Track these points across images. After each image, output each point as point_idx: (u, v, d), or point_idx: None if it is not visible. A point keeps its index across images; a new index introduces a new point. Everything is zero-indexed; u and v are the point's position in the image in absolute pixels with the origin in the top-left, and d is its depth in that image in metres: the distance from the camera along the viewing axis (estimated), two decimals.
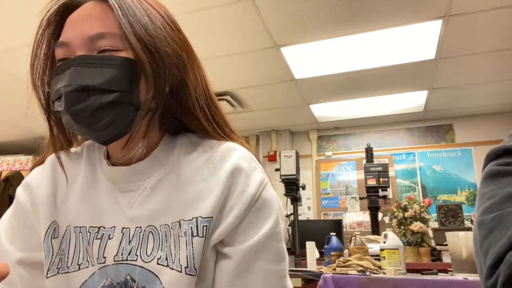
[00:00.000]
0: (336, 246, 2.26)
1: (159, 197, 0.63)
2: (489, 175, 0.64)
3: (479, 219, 0.61)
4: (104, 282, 0.61)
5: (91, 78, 0.56)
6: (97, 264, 0.62)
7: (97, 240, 0.62)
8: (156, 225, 0.61)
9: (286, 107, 4.31)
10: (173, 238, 0.60)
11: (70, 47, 0.59)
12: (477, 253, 0.61)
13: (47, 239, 0.64)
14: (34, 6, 2.62)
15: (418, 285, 1.52)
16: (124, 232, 0.62)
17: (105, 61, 0.57)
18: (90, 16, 0.59)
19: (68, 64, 0.58)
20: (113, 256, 0.61)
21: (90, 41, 0.58)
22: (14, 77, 3.59)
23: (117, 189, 0.65)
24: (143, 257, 0.60)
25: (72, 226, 0.65)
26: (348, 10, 2.63)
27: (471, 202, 4.26)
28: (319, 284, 1.64)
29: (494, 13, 2.63)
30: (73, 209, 0.65)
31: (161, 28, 0.60)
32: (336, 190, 4.78)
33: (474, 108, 4.32)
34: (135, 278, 0.60)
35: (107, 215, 0.64)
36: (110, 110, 0.57)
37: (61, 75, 0.58)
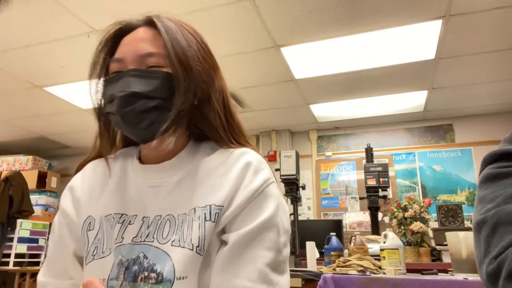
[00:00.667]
0: (336, 246, 2.26)
1: (180, 191, 0.72)
2: (488, 178, 0.64)
3: (479, 218, 0.61)
4: (115, 261, 0.69)
5: (140, 86, 0.70)
6: (113, 245, 0.70)
7: (118, 224, 0.72)
8: (175, 214, 0.70)
9: (286, 107, 4.31)
10: (187, 222, 0.68)
11: (124, 63, 0.73)
12: (478, 249, 0.60)
13: (83, 231, 0.75)
14: (34, 7, 2.62)
15: (418, 285, 1.52)
16: (144, 220, 0.71)
17: (152, 74, 0.71)
18: (143, 39, 0.74)
19: (122, 75, 0.71)
20: (132, 238, 0.70)
21: (141, 58, 0.72)
22: (14, 77, 3.60)
23: (145, 184, 0.74)
24: (159, 240, 0.68)
25: (103, 217, 0.74)
26: (348, 10, 2.63)
27: (471, 202, 4.26)
28: (319, 284, 1.63)
29: (494, 13, 2.63)
30: (105, 203, 0.76)
31: (195, 50, 0.74)
32: (336, 190, 4.78)
33: (474, 108, 4.32)
34: (148, 255, 0.67)
35: (131, 205, 0.73)
36: (151, 113, 0.70)
37: (116, 83, 0.71)
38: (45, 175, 5.23)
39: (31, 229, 4.13)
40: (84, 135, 5.16)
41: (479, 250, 0.60)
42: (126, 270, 0.67)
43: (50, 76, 3.57)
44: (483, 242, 0.58)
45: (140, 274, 0.65)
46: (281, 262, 0.68)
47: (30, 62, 3.33)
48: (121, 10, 2.63)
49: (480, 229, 0.60)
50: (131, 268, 0.67)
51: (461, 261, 1.75)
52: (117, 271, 0.67)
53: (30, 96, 3.96)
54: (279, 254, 0.67)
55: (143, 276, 0.65)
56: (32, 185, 4.90)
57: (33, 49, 3.13)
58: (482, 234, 0.59)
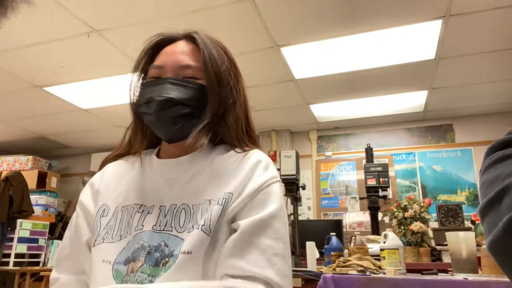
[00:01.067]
0: (336, 246, 2.26)
1: (194, 184, 0.79)
2: (499, 159, 0.59)
3: (498, 189, 0.54)
4: (136, 246, 0.75)
5: (177, 93, 0.78)
6: (133, 232, 0.76)
7: (138, 213, 0.78)
8: (189, 204, 0.76)
9: (286, 107, 4.31)
10: (201, 210, 0.75)
11: (163, 70, 0.81)
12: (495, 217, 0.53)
13: (97, 217, 0.81)
14: (34, 7, 2.62)
15: (418, 285, 1.52)
16: (161, 209, 0.78)
17: (188, 84, 0.80)
18: (183, 51, 0.83)
19: (161, 81, 0.80)
20: (152, 226, 0.76)
21: (179, 69, 0.81)
22: (14, 77, 3.60)
23: (162, 177, 0.82)
24: (177, 229, 0.74)
25: (120, 207, 0.81)
26: (348, 10, 2.63)
27: (471, 202, 4.26)
28: (319, 284, 1.63)
29: (494, 13, 2.63)
30: (123, 194, 0.83)
31: (227, 66, 0.84)
32: (336, 190, 4.78)
33: (474, 108, 4.32)
34: (168, 244, 0.73)
35: (149, 197, 0.80)
36: (183, 119, 0.78)
37: (154, 88, 0.79)
38: (45, 175, 5.23)
39: (31, 229, 4.13)
40: (84, 135, 5.16)
41: (496, 217, 0.52)
42: (148, 254, 0.73)
43: (50, 76, 3.57)
44: (507, 208, 0.51)
45: (161, 261, 0.71)
46: (287, 253, 0.73)
47: (30, 62, 3.33)
48: (121, 10, 2.63)
49: (499, 200, 0.53)
50: (153, 253, 0.73)
51: (461, 261, 1.75)
52: (138, 254, 0.73)
53: (30, 96, 3.96)
54: (284, 242, 0.73)
55: (164, 262, 0.71)
56: (32, 185, 4.90)
57: (33, 49, 3.13)
58: (505, 202, 0.52)
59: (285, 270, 0.70)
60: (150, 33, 0.89)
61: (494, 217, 0.53)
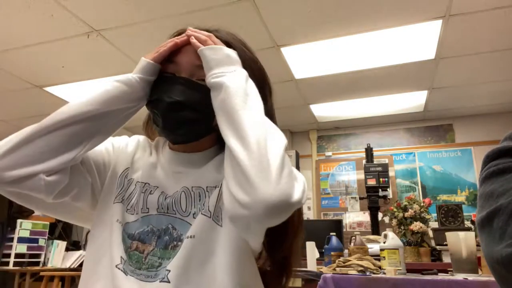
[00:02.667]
0: (336, 246, 2.26)
1: (200, 174, 0.80)
2: (494, 173, 0.63)
3: (490, 210, 0.60)
4: (145, 228, 0.76)
5: (186, 96, 0.75)
6: (140, 213, 0.78)
7: (142, 193, 0.79)
8: (189, 187, 0.78)
9: (286, 107, 4.31)
10: (200, 195, 0.77)
11: (178, 67, 0.79)
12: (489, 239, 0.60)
13: (121, 176, 0.83)
14: (34, 7, 2.62)
15: (418, 285, 1.52)
16: (163, 194, 0.79)
17: (200, 87, 0.76)
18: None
19: (174, 80, 0.78)
20: (156, 209, 0.77)
21: (194, 68, 0.78)
22: (14, 77, 3.59)
23: (171, 169, 0.82)
24: (180, 213, 0.76)
25: (135, 180, 0.82)
26: (348, 10, 2.63)
27: (471, 202, 4.26)
28: (319, 284, 1.63)
29: (494, 13, 2.63)
30: (140, 169, 0.84)
31: (248, 67, 0.79)
32: (336, 190, 4.78)
33: (474, 108, 4.32)
34: (175, 227, 0.75)
35: (156, 179, 0.81)
36: (190, 124, 0.77)
37: (166, 86, 0.77)
38: None
39: (31, 229, 4.12)
40: None
41: (491, 239, 0.59)
42: (158, 238, 0.75)
43: (50, 76, 3.57)
44: (497, 230, 0.58)
45: (170, 243, 0.74)
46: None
47: (30, 62, 3.33)
48: (121, 10, 2.63)
49: (491, 220, 0.59)
50: (162, 237, 0.75)
51: (461, 261, 1.75)
52: (148, 238, 0.75)
53: (30, 96, 3.96)
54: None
55: (173, 245, 0.73)
56: None
57: (33, 49, 3.13)
58: (495, 224, 0.58)
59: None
60: (150, 33, 0.89)
61: (489, 234, 0.60)
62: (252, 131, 0.65)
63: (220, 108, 0.71)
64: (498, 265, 0.56)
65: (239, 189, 0.61)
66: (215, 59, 0.75)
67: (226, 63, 0.75)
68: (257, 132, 0.65)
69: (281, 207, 0.60)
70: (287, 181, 0.61)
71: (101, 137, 0.78)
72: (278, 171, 0.61)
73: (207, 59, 0.75)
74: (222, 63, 0.74)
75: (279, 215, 0.61)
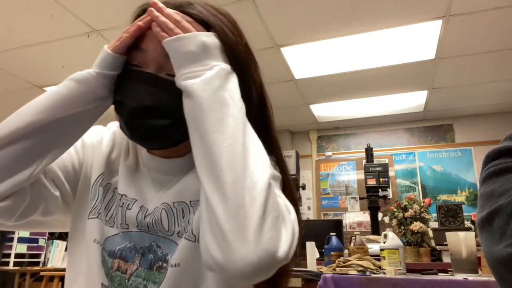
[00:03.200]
0: (336, 246, 2.26)
1: (181, 186, 0.69)
2: (494, 173, 0.64)
3: (491, 210, 0.60)
4: (127, 244, 0.67)
5: (155, 100, 0.62)
6: (120, 228, 0.68)
7: (120, 207, 0.69)
8: (170, 203, 0.67)
9: (286, 107, 4.31)
10: (185, 212, 0.66)
11: (145, 56, 0.64)
12: (489, 239, 0.60)
13: (95, 184, 0.71)
14: (34, 7, 2.62)
15: (418, 285, 1.52)
16: (142, 209, 0.68)
17: (171, 88, 0.61)
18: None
19: (141, 77, 0.63)
20: (135, 226, 0.67)
21: (163, 59, 0.62)
22: (14, 77, 3.60)
23: (150, 177, 0.71)
24: (163, 232, 0.66)
25: (113, 186, 0.71)
26: (348, 10, 2.63)
27: (471, 202, 4.26)
28: (319, 284, 1.63)
29: (494, 13, 2.63)
30: (116, 173, 0.72)
31: (237, 49, 0.67)
32: (336, 190, 4.78)
33: (474, 108, 4.32)
34: (160, 245, 0.66)
35: (134, 189, 0.70)
36: (161, 133, 0.63)
37: (133, 84, 0.63)
38: None
39: None
40: None
41: (491, 239, 0.59)
42: (142, 256, 0.66)
43: (50, 76, 3.57)
44: (497, 230, 0.58)
45: (155, 264, 0.65)
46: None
47: (30, 62, 3.33)
48: (121, 10, 2.63)
49: (492, 220, 0.60)
50: (146, 255, 0.66)
51: (461, 261, 1.75)
52: (131, 256, 0.66)
53: (30, 96, 3.91)
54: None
55: (158, 265, 0.65)
56: None
57: (33, 49, 3.13)
58: (495, 224, 0.59)
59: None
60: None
61: (489, 234, 0.60)
62: (227, 166, 0.53)
63: (191, 121, 0.58)
64: (498, 265, 0.56)
65: (214, 244, 0.52)
66: (185, 53, 0.60)
67: (200, 57, 0.60)
68: (234, 167, 0.53)
69: (263, 268, 0.50)
70: (270, 236, 0.51)
71: (60, 149, 0.65)
72: (258, 225, 0.50)
73: (174, 55, 0.60)
74: (194, 57, 0.60)
75: (262, 275, 0.52)
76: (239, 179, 0.53)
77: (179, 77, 0.60)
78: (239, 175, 0.53)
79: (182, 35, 0.60)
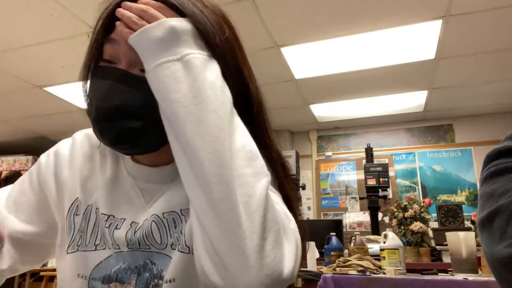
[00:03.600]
0: (336, 246, 2.26)
1: (170, 194, 0.63)
2: (495, 173, 0.64)
3: (491, 210, 0.60)
4: (121, 265, 0.62)
5: (125, 99, 0.55)
6: (112, 248, 0.63)
7: (106, 228, 0.63)
8: (159, 214, 0.61)
9: (286, 107, 4.31)
10: (174, 223, 0.61)
11: (116, 49, 0.58)
12: (489, 238, 0.60)
13: (69, 215, 0.65)
14: (34, 7, 2.62)
15: (418, 285, 1.52)
16: (132, 225, 0.62)
17: (143, 85, 0.54)
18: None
19: (110, 74, 0.57)
20: (126, 245, 0.62)
21: (136, 54, 0.55)
22: (14, 77, 3.59)
23: (137, 187, 0.65)
24: (156, 246, 0.61)
25: (93, 207, 0.65)
26: (348, 10, 2.63)
27: (471, 202, 4.26)
28: (319, 284, 1.63)
29: (494, 13, 2.63)
30: (96, 191, 0.66)
31: (223, 40, 0.60)
32: (336, 190, 4.78)
33: (474, 108, 4.32)
34: (154, 261, 0.61)
35: (121, 208, 0.64)
36: (133, 136, 0.57)
37: (101, 82, 0.58)
38: None
39: None
40: None
41: (491, 239, 0.59)
42: (138, 276, 0.61)
43: (50, 76, 3.56)
44: (497, 230, 0.58)
45: (151, 282, 0.60)
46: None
47: (30, 62, 3.33)
48: None
49: (492, 220, 0.60)
50: (142, 274, 0.61)
51: (461, 261, 1.75)
52: (126, 276, 0.61)
53: (30, 96, 3.96)
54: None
55: (153, 283, 0.60)
56: None
57: (33, 49, 3.13)
58: (496, 224, 0.59)
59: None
60: None
61: (489, 234, 0.60)
62: (214, 177, 0.47)
63: (166, 124, 0.53)
64: (499, 265, 0.56)
65: (212, 269, 0.47)
66: (152, 42, 0.52)
67: (168, 44, 0.52)
68: (222, 179, 0.47)
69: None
70: (273, 258, 0.46)
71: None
72: (259, 247, 0.46)
73: (140, 49, 0.54)
74: (162, 45, 0.52)
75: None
76: (231, 192, 0.46)
77: (148, 71, 0.53)
78: (230, 187, 0.46)
79: (147, 26, 0.53)
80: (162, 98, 0.51)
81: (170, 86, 0.50)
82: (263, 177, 0.50)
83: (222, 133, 0.48)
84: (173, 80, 0.50)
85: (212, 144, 0.47)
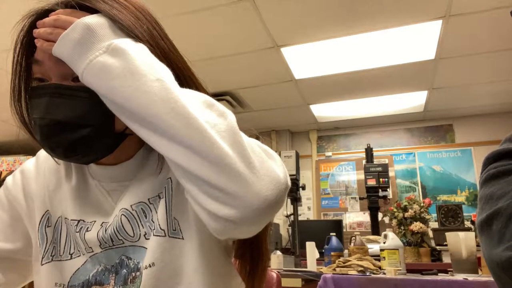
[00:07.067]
0: (336, 246, 2.26)
1: (136, 187, 0.64)
2: (494, 176, 0.64)
3: (490, 212, 0.60)
4: (98, 268, 0.63)
5: (65, 112, 0.55)
6: (87, 253, 0.64)
7: (77, 233, 0.64)
8: (127, 207, 0.62)
9: (286, 107, 4.31)
10: (153, 211, 0.62)
11: (44, 67, 0.58)
12: (488, 241, 0.60)
13: (41, 227, 0.67)
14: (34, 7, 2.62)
15: (418, 285, 1.52)
16: (103, 225, 0.64)
17: (79, 93, 0.56)
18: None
19: (44, 92, 0.57)
20: (98, 246, 0.63)
21: (63, 67, 0.56)
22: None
23: (104, 189, 0.66)
24: (129, 239, 0.62)
25: (63, 217, 0.67)
26: (348, 10, 2.63)
27: (471, 202, 4.26)
28: (319, 284, 1.63)
29: (494, 13, 2.63)
30: (64, 201, 0.67)
31: (147, 41, 0.60)
32: (336, 190, 4.78)
33: (474, 108, 4.32)
34: (129, 256, 0.62)
35: (90, 211, 0.65)
36: (84, 144, 0.57)
37: (38, 100, 0.58)
38: None
39: None
40: None
41: (490, 241, 0.59)
42: (116, 275, 0.62)
43: None
44: (496, 233, 0.58)
45: (129, 276, 0.61)
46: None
47: None
48: None
49: (491, 223, 0.60)
50: (120, 272, 0.62)
51: (461, 261, 1.75)
52: (105, 278, 0.62)
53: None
54: None
55: (131, 277, 0.61)
56: None
57: None
58: (494, 227, 0.59)
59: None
60: None
61: (488, 237, 0.60)
62: (188, 131, 0.49)
63: (120, 112, 0.53)
64: (497, 268, 0.56)
65: (219, 205, 0.49)
66: (73, 46, 0.53)
67: (88, 42, 0.52)
68: (194, 129, 0.49)
69: (276, 197, 0.50)
70: (266, 169, 0.51)
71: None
72: (251, 165, 0.50)
73: (66, 58, 0.54)
74: (82, 45, 0.52)
75: (278, 204, 0.51)
76: (206, 134, 0.49)
77: (81, 74, 0.53)
78: (203, 131, 0.49)
79: (64, 33, 0.53)
80: (105, 90, 0.52)
81: (106, 76, 0.51)
82: (228, 115, 0.53)
83: (172, 94, 0.50)
84: (107, 69, 0.51)
85: (168, 104, 0.49)
